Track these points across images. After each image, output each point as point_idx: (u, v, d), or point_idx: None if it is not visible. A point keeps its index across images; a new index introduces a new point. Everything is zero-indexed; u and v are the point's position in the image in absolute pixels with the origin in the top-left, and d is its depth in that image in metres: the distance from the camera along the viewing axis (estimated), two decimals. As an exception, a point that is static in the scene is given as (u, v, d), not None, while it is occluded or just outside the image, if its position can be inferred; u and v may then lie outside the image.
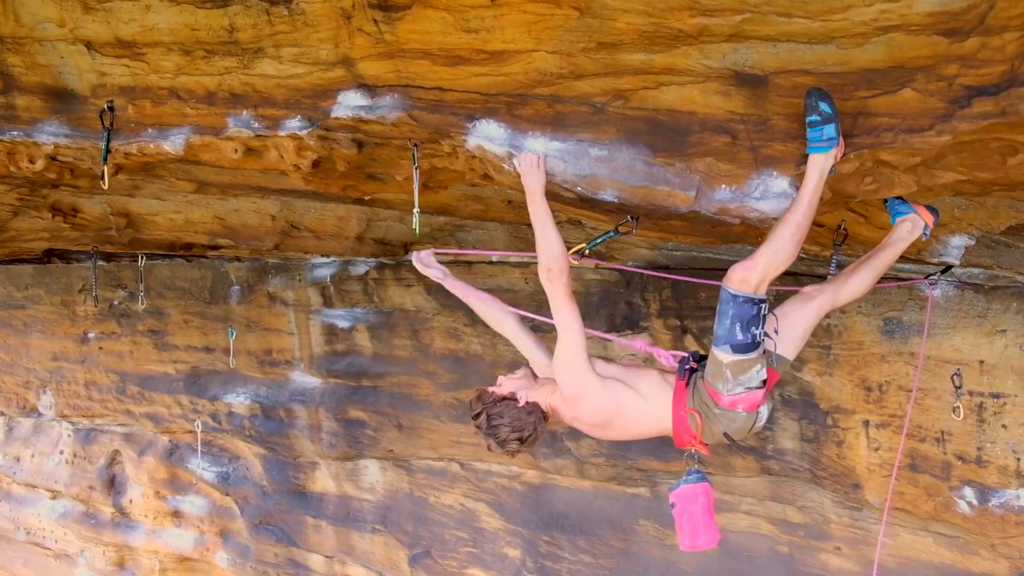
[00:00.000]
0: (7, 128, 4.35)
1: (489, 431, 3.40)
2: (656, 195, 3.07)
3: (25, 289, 9.64)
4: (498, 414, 3.41)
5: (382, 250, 6.16)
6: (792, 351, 3.48)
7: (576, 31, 2.87)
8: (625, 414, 3.44)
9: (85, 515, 9.97)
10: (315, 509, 8.28)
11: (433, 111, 3.32)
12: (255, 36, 3.46)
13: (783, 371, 3.50)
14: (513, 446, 3.42)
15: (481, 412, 3.42)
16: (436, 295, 6.87)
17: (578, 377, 3.32)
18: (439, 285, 3.90)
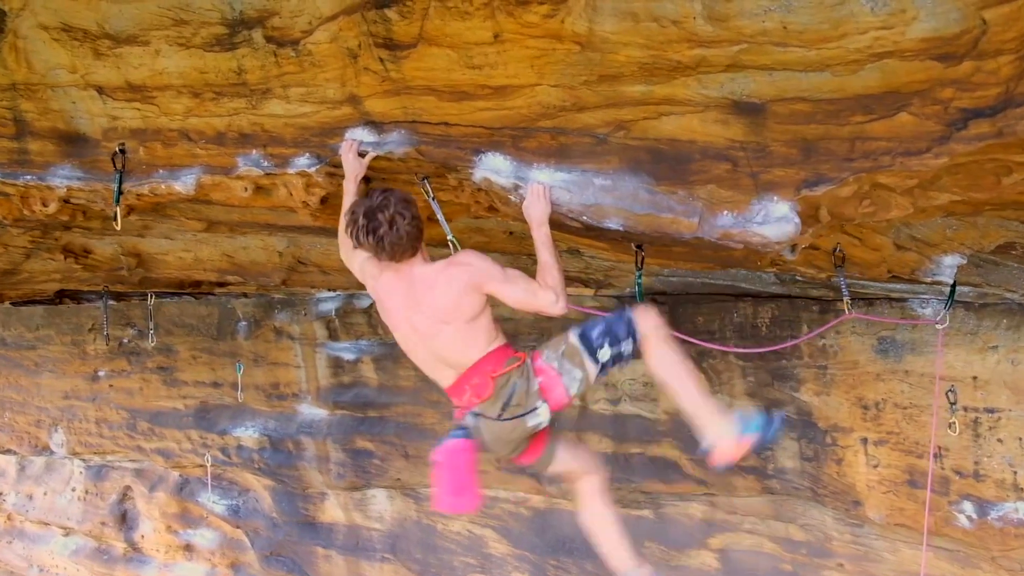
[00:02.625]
0: (21, 172, 4.33)
1: (404, 233, 3.22)
2: (660, 222, 3.05)
3: (36, 330, 9.58)
4: (404, 223, 3.21)
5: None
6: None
7: (577, 65, 2.87)
8: (460, 327, 3.37)
9: (98, 551, 9.84)
10: (325, 539, 8.17)
11: (439, 145, 3.30)
12: (263, 77, 3.46)
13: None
14: (382, 249, 3.24)
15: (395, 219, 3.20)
16: (439, 326, 6.82)
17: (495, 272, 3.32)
18: None
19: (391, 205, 3.18)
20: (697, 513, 6.14)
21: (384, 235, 3.18)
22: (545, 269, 3.32)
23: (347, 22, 3.09)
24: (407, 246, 3.26)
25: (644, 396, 6.03)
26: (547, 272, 3.32)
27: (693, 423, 3.36)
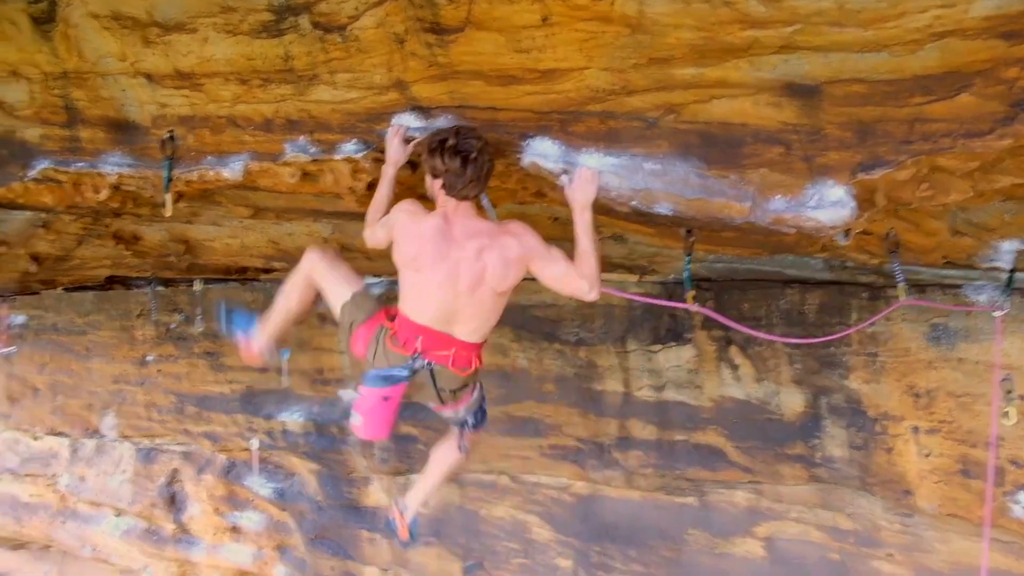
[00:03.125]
0: (73, 160, 4.40)
1: (485, 166, 3.26)
2: (711, 207, 3.00)
3: (86, 315, 9.77)
4: (488, 155, 3.28)
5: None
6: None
7: (627, 48, 2.82)
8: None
9: (148, 532, 10.02)
10: (369, 523, 8.24)
11: (487, 130, 3.28)
12: (310, 63, 3.46)
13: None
14: (462, 174, 3.25)
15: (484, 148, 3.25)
16: (482, 312, 6.83)
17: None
18: None
19: (482, 136, 3.21)
20: (742, 501, 6.08)
21: (474, 159, 3.16)
22: (584, 257, 3.30)
23: (394, 7, 3.07)
24: (483, 181, 3.29)
25: (688, 383, 5.98)
26: (585, 260, 3.30)
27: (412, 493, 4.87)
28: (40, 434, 10.80)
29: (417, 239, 3.39)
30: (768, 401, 5.70)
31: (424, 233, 3.38)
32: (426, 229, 3.38)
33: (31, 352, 10.30)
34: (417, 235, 3.39)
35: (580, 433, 6.61)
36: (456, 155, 3.16)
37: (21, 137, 4.40)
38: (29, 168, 4.50)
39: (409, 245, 3.42)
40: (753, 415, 5.76)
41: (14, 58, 3.87)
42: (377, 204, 3.60)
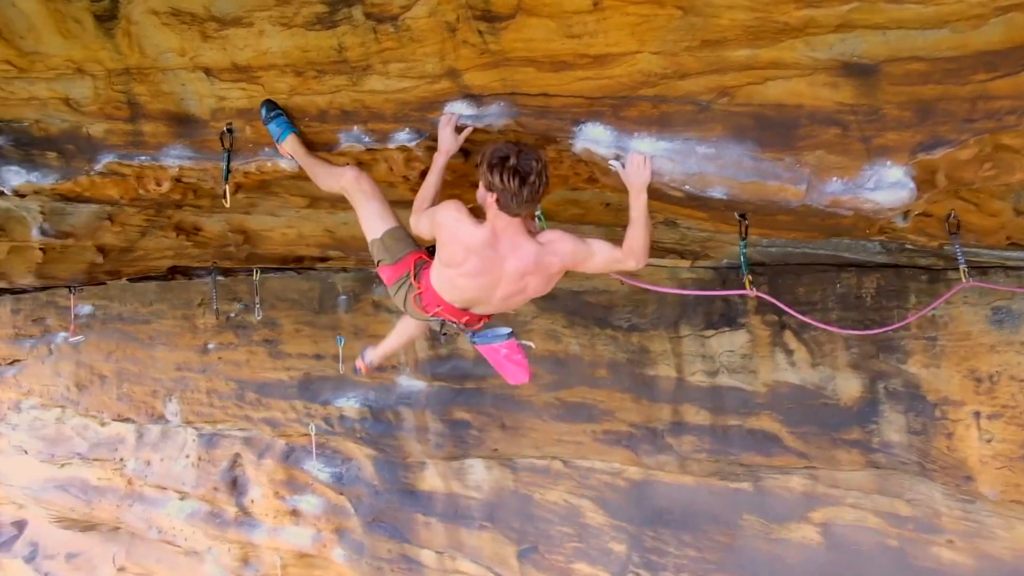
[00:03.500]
0: (136, 153, 4.48)
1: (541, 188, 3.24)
2: (766, 190, 2.95)
3: (150, 305, 10.00)
4: (546, 178, 3.25)
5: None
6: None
7: (679, 30, 2.78)
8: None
9: (211, 514, 10.24)
10: (425, 507, 8.33)
11: (539, 117, 3.26)
12: (363, 54, 3.47)
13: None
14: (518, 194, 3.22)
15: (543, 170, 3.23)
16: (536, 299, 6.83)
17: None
18: None
19: (541, 158, 3.19)
20: (798, 487, 6.01)
21: (532, 181, 3.15)
22: (635, 233, 3.35)
23: (445, -4, 3.07)
24: (536, 202, 3.29)
25: (742, 368, 5.92)
26: (636, 236, 3.35)
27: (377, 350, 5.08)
28: (107, 420, 11.09)
29: (463, 249, 3.43)
30: (824, 386, 5.61)
31: (470, 245, 3.41)
32: (473, 240, 3.40)
33: (98, 341, 10.58)
34: (463, 245, 3.42)
35: (633, 418, 6.59)
36: (515, 175, 3.14)
37: (87, 132, 4.50)
38: (95, 162, 4.61)
39: (454, 251, 3.47)
40: (808, 400, 5.68)
41: (79, 56, 3.95)
42: (426, 192, 3.61)
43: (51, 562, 13.24)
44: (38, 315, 11.22)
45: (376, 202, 3.84)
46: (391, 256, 3.80)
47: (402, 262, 3.79)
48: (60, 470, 11.75)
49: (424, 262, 3.76)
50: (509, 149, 3.17)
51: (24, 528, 13.98)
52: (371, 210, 3.83)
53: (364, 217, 3.88)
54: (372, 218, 3.84)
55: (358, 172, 3.80)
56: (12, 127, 4.60)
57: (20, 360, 11.71)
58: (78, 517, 12.10)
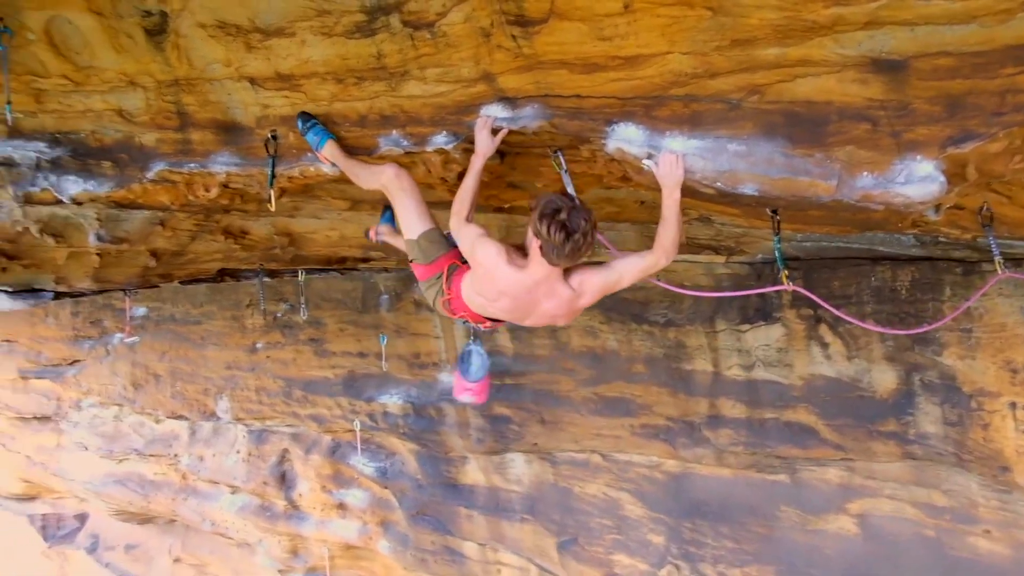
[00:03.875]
0: (185, 161, 4.59)
1: (585, 247, 3.25)
2: (797, 186, 2.93)
3: (200, 306, 10.19)
4: (591, 239, 3.27)
5: (521, 255, 6.16)
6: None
7: (709, 30, 2.78)
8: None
9: (261, 508, 10.39)
10: (467, 500, 8.39)
11: (572, 118, 3.29)
12: (401, 60, 3.52)
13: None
14: (561, 249, 3.22)
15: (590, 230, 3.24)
16: (571, 295, 6.85)
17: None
18: None
19: (591, 218, 3.21)
20: (834, 478, 5.95)
21: (576, 240, 3.17)
22: (666, 231, 3.37)
23: (479, 2, 3.09)
24: (578, 257, 3.29)
25: (778, 362, 5.87)
26: (666, 233, 3.37)
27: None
28: (162, 417, 11.31)
29: (496, 290, 3.51)
30: (859, 379, 5.55)
31: (506, 287, 3.47)
32: (510, 283, 3.45)
33: (152, 341, 10.80)
34: (498, 287, 3.49)
35: (670, 412, 6.57)
36: (562, 230, 3.15)
37: (140, 142, 4.61)
38: (147, 170, 4.72)
39: (487, 288, 3.55)
40: (844, 393, 5.63)
41: (132, 69, 4.06)
42: (464, 194, 3.63)
43: (111, 553, 13.54)
44: (96, 317, 11.48)
45: (414, 200, 3.88)
46: (425, 257, 3.87)
47: (435, 263, 3.85)
48: (118, 465, 12.00)
49: (456, 267, 3.81)
50: (563, 203, 3.18)
51: (86, 521, 14.31)
52: (409, 208, 3.87)
53: (402, 215, 3.93)
54: (410, 217, 3.89)
55: (398, 169, 3.85)
56: (70, 138, 4.73)
57: (80, 360, 11.99)
58: (136, 510, 12.34)
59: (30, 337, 12.49)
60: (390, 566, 9.53)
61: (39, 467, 13.23)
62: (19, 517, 14.81)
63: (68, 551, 14.20)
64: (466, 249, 3.60)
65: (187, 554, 12.48)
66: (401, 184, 3.85)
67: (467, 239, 3.56)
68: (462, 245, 3.63)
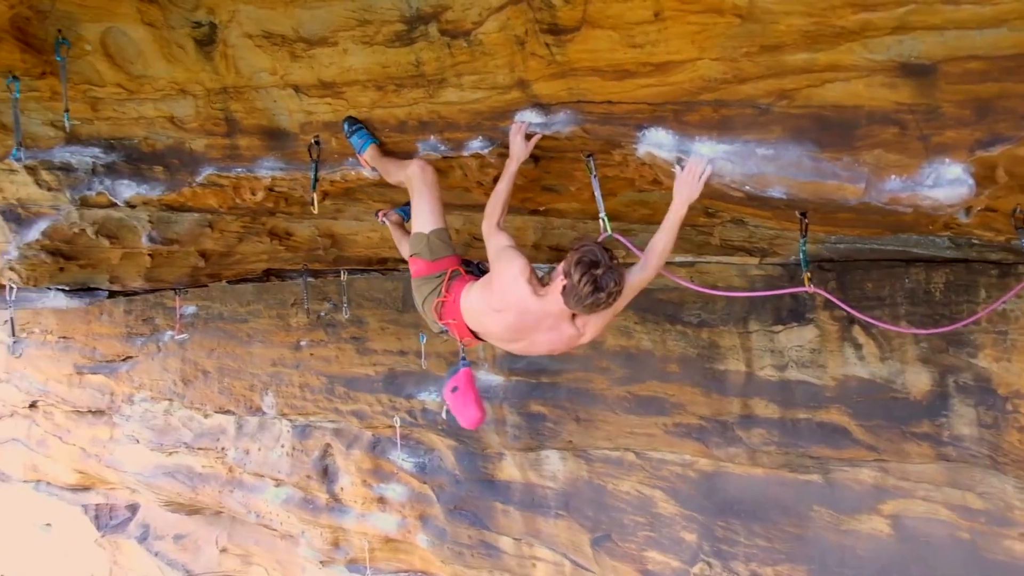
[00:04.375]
0: (233, 165, 4.70)
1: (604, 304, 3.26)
2: (825, 189, 2.93)
3: (247, 305, 10.35)
4: (616, 298, 3.28)
5: (557, 256, 6.20)
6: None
7: (738, 37, 2.79)
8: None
9: (304, 501, 10.51)
10: (503, 496, 8.42)
11: (604, 123, 3.31)
12: (438, 68, 3.57)
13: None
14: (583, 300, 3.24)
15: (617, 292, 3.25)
16: (606, 296, 6.86)
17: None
18: None
19: (621, 282, 3.22)
20: (868, 479, 5.88)
21: (599, 299, 3.19)
22: (659, 240, 3.41)
23: (514, 11, 3.14)
24: (594, 312, 3.32)
25: (811, 363, 5.83)
26: (660, 240, 3.42)
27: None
28: (210, 412, 11.50)
29: (507, 301, 3.50)
30: (893, 380, 5.49)
31: (516, 303, 3.47)
32: (521, 302, 3.45)
33: (201, 339, 11.00)
34: (510, 299, 3.48)
35: (703, 411, 6.55)
36: (592, 284, 3.17)
37: (190, 147, 4.74)
38: (196, 175, 4.84)
39: (499, 300, 3.54)
40: (878, 394, 5.57)
41: (182, 77, 4.17)
42: (498, 197, 3.66)
43: (161, 542, 13.81)
44: (148, 315, 11.72)
45: (434, 196, 3.90)
46: (432, 254, 3.86)
47: (439, 263, 3.85)
48: (168, 458, 12.22)
49: (459, 273, 3.84)
50: (602, 259, 3.20)
51: (137, 511, 14.61)
52: (427, 202, 3.89)
53: (418, 209, 3.93)
54: (426, 212, 3.90)
55: (424, 163, 3.88)
56: (124, 144, 4.87)
57: (132, 356, 12.24)
58: (184, 501, 12.56)
59: (85, 334, 12.78)
60: (428, 559, 9.60)
61: (93, 459, 13.52)
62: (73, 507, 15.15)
63: (120, 540, 14.50)
64: (491, 254, 3.61)
65: (233, 544, 12.69)
66: (424, 178, 3.88)
67: (495, 245, 3.58)
68: (489, 249, 3.63)
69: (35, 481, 15.39)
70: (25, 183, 5.54)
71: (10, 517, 16.42)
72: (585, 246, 3.25)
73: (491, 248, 3.61)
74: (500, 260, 3.54)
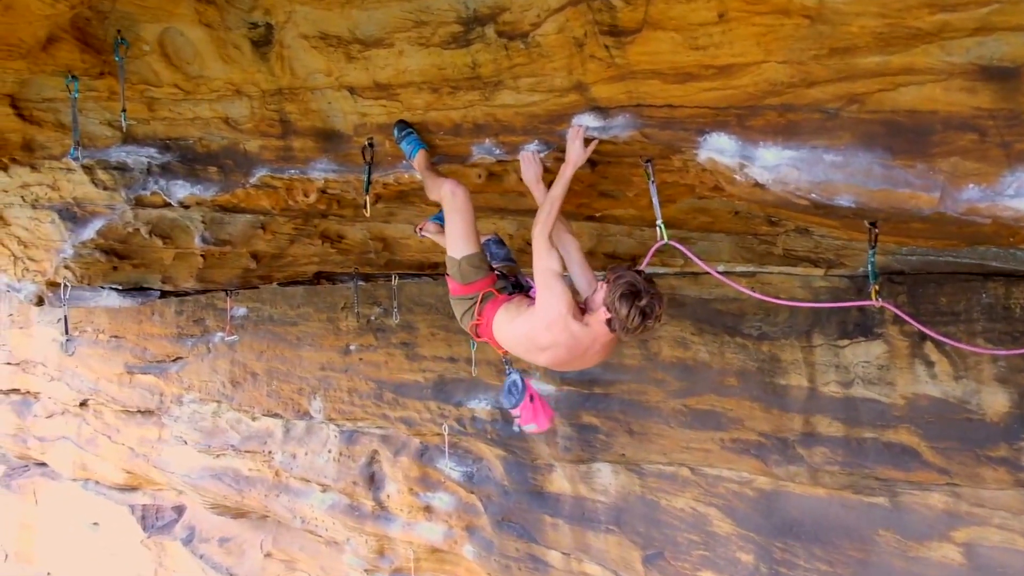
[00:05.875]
0: (286, 167, 4.79)
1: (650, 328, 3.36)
2: (896, 198, 2.87)
3: (297, 308, 10.52)
4: (657, 323, 3.38)
5: (612, 264, 6.18)
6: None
7: (807, 39, 2.75)
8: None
9: (350, 507, 10.60)
10: (552, 508, 8.40)
11: (664, 127, 3.29)
12: (495, 70, 3.59)
13: None
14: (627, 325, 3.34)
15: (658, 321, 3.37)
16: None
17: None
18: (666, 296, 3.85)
19: (663, 303, 3.33)
20: (938, 504, 5.72)
21: (648, 325, 3.31)
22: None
23: (573, 12, 3.14)
24: (636, 337, 3.42)
25: (879, 379, 5.70)
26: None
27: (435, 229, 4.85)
28: (258, 415, 11.69)
29: (558, 345, 3.59)
30: (968, 400, 5.34)
31: (564, 341, 3.56)
32: (572, 342, 3.55)
33: (250, 341, 11.20)
34: (559, 338, 3.57)
35: (762, 427, 6.45)
36: (641, 315, 3.27)
37: (244, 148, 4.84)
38: (250, 176, 4.95)
39: (550, 341, 3.61)
40: (950, 414, 5.42)
41: (238, 79, 4.27)
42: (551, 204, 3.64)
43: (206, 545, 14.06)
44: (198, 316, 11.98)
45: (465, 221, 3.92)
46: (463, 279, 3.93)
47: (471, 286, 3.92)
48: (215, 460, 12.44)
49: (492, 295, 3.90)
50: (642, 286, 3.29)
51: (183, 513, 14.91)
52: (458, 227, 3.92)
53: (449, 231, 3.98)
54: (457, 236, 3.94)
55: (455, 186, 3.90)
56: (179, 144, 5.00)
57: (182, 357, 12.51)
58: (230, 504, 12.77)
59: (137, 334, 13.09)
60: (474, 571, 9.62)
61: (141, 459, 13.83)
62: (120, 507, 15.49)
63: (165, 541, 14.79)
64: (538, 275, 3.64)
65: (278, 549, 12.86)
66: (455, 203, 3.90)
67: (545, 268, 3.59)
68: (537, 267, 3.64)
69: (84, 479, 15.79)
70: (81, 182, 5.71)
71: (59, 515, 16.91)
72: (622, 277, 3.34)
73: (539, 268, 3.62)
74: (546, 291, 3.58)
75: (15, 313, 15.48)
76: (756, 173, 3.10)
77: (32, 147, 5.17)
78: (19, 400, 16.60)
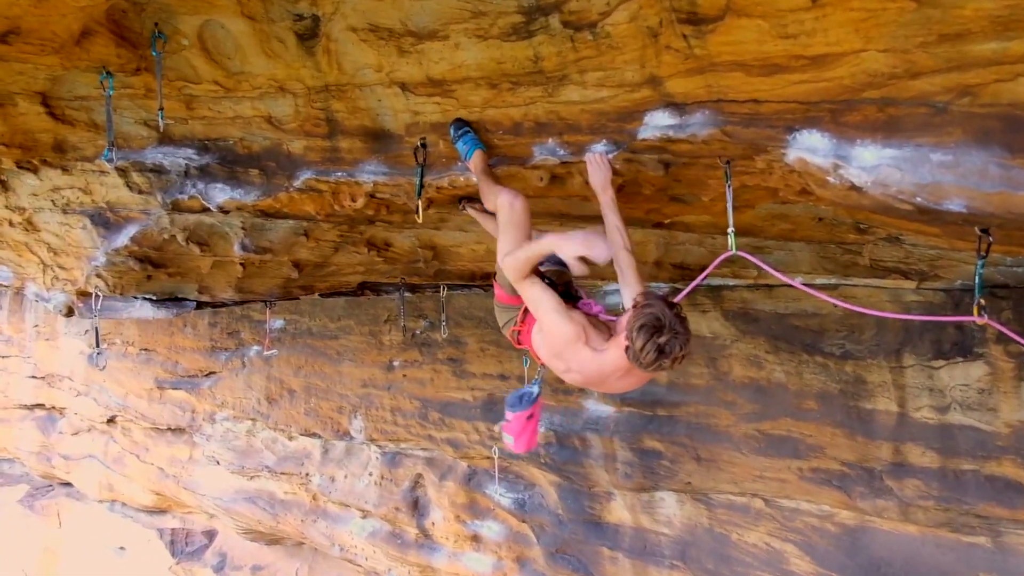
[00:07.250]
0: (333, 169, 4.79)
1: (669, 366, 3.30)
2: (1016, 202, 2.74)
3: (338, 320, 10.57)
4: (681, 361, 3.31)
5: (680, 275, 6.08)
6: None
7: (912, 24, 2.64)
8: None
9: (392, 535, 10.59)
10: (611, 540, 8.29)
11: (747, 125, 3.21)
12: (559, 64, 3.55)
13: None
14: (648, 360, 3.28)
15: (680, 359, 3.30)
16: (734, 321, 6.68)
17: None
18: (738, 310, 3.82)
19: (688, 344, 3.27)
20: (1048, 545, 5.52)
21: (663, 364, 3.26)
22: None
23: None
24: (656, 371, 3.39)
25: (979, 405, 5.51)
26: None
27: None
28: (295, 434, 11.76)
29: (578, 371, 3.67)
30: (1081, 429, 5.14)
31: (580, 367, 3.64)
32: (588, 368, 3.61)
33: (288, 355, 11.28)
34: (580, 370, 3.65)
35: (846, 456, 6.28)
36: (656, 351, 3.23)
37: (287, 149, 4.86)
38: (294, 179, 4.96)
39: (566, 366, 3.70)
40: (1061, 444, 5.22)
41: (282, 74, 4.28)
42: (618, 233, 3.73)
43: (238, 573, 14.16)
44: (233, 328, 12.11)
45: (519, 232, 3.91)
46: (509, 289, 3.99)
47: (516, 297, 3.96)
48: (249, 482, 12.54)
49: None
50: (665, 321, 3.22)
51: (214, 538, 15.05)
52: (511, 237, 3.91)
53: (501, 240, 3.97)
54: (509, 246, 3.92)
55: (514, 196, 3.89)
56: (218, 145, 5.03)
57: (215, 372, 12.64)
58: (264, 530, 12.85)
59: (168, 347, 13.27)
60: (525, 607, 9.54)
61: (171, 480, 13.98)
62: (148, 530, 15.69)
63: (195, 568, 14.92)
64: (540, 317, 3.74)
65: (314, 579, 12.91)
66: (513, 214, 3.89)
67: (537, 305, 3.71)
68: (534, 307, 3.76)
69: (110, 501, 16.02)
70: (115, 185, 5.79)
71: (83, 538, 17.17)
72: (649, 306, 3.27)
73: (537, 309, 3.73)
74: (549, 327, 3.68)
75: (41, 324, 15.77)
76: (852, 174, 3.00)
77: (64, 148, 5.25)
78: (44, 416, 16.91)
